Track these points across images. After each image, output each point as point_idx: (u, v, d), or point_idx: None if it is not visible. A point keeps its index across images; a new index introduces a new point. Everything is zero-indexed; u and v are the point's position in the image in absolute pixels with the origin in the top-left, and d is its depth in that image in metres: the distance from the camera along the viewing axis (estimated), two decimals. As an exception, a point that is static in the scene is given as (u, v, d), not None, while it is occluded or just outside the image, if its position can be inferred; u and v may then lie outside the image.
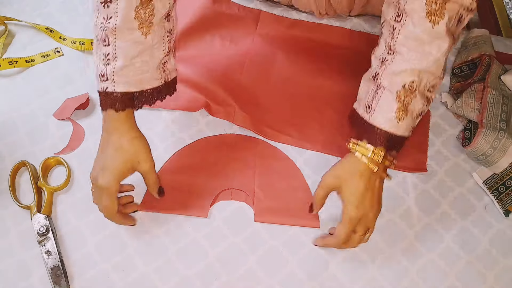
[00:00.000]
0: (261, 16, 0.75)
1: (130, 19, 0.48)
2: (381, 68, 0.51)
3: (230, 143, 0.63)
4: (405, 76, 0.49)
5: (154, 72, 0.52)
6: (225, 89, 0.66)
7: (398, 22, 0.49)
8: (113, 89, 0.49)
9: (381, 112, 0.50)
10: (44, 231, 0.55)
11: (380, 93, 0.50)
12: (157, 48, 0.51)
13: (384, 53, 0.51)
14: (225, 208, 0.59)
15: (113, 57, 0.49)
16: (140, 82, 0.51)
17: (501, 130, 0.59)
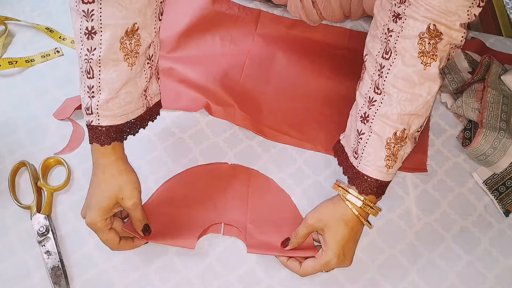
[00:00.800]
0: (261, 16, 0.75)
1: (115, 51, 0.46)
2: (370, 110, 0.48)
3: (222, 174, 0.61)
4: (397, 123, 0.47)
5: (137, 102, 0.51)
6: (225, 89, 0.66)
7: (386, 60, 0.46)
8: (98, 123, 0.49)
9: (370, 160, 0.48)
10: (44, 231, 0.55)
11: (367, 138, 0.49)
12: (139, 77, 0.50)
13: (371, 91, 0.49)
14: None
15: (97, 90, 0.48)
16: (124, 113, 0.50)
17: (501, 130, 0.59)
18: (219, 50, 0.71)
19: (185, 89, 0.66)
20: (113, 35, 0.46)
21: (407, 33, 0.44)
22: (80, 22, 0.46)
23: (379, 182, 0.49)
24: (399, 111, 0.46)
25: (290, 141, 0.64)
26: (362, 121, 0.49)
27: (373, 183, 0.49)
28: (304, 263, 0.52)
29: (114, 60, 0.47)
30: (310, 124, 0.65)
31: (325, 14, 0.70)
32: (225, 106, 0.65)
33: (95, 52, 0.46)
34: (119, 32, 0.46)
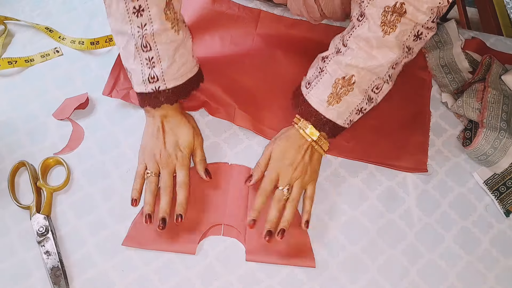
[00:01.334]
0: (261, 16, 0.75)
1: (163, 22, 0.53)
2: (332, 54, 0.56)
3: (222, 174, 0.61)
4: (348, 69, 0.54)
5: (191, 61, 0.60)
6: (225, 89, 0.66)
7: (358, 21, 0.54)
8: (165, 87, 0.57)
9: (317, 92, 0.57)
10: (43, 231, 0.55)
11: (322, 76, 0.57)
12: (186, 39, 0.58)
13: (340, 44, 0.56)
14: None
15: (157, 60, 0.55)
16: (183, 74, 0.58)
17: (502, 130, 0.59)
18: (219, 50, 0.71)
19: None
20: (159, 9, 0.53)
21: (376, 2, 0.51)
22: (125, 3, 0.52)
23: (318, 113, 0.57)
24: (352, 62, 0.53)
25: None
26: (323, 60, 0.58)
27: (314, 112, 0.57)
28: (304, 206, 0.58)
29: (164, 30, 0.54)
30: None
31: (326, 11, 0.70)
32: (225, 106, 0.65)
33: (147, 27, 0.53)
34: (162, 4, 0.53)
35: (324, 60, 0.57)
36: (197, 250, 0.55)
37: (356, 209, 0.59)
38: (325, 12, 0.70)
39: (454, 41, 0.70)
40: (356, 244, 0.57)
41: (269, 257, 0.55)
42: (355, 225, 0.58)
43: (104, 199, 0.59)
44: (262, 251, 0.55)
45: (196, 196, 0.59)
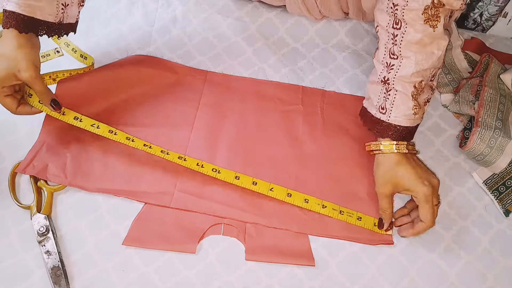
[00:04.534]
0: (207, 78, 0.69)
1: None
2: (389, 74, 0.56)
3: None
4: (415, 78, 0.54)
5: (48, 7, 0.55)
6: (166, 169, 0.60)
7: (397, 29, 0.54)
8: (5, 7, 0.53)
9: (399, 111, 0.55)
10: (44, 231, 0.55)
11: (393, 95, 0.55)
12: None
13: (386, 57, 0.56)
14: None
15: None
16: (31, 7, 0.53)
17: (497, 129, 0.59)
18: (161, 122, 0.65)
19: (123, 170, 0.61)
20: None
21: (412, 6, 0.51)
22: None
23: (409, 128, 0.56)
24: (417, 69, 0.54)
25: (243, 216, 0.57)
26: (384, 83, 0.56)
27: (404, 130, 0.56)
28: (420, 215, 0.54)
29: None
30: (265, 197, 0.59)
31: (322, 9, 0.70)
32: (162, 193, 0.59)
33: None
34: None
35: (386, 83, 0.56)
36: (197, 250, 0.55)
37: (356, 209, 0.59)
38: (322, 10, 0.71)
39: (453, 41, 0.70)
40: (356, 243, 0.57)
41: (268, 257, 0.55)
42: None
43: (104, 199, 0.59)
44: (261, 250, 0.55)
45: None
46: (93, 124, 0.59)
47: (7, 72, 0.53)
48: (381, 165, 0.56)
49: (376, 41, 0.73)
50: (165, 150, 0.59)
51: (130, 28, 0.74)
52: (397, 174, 0.55)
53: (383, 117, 0.56)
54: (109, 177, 0.59)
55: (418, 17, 0.52)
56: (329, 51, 0.73)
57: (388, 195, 0.56)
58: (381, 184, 0.56)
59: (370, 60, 0.72)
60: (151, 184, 0.59)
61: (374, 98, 0.58)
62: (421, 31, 0.52)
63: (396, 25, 0.53)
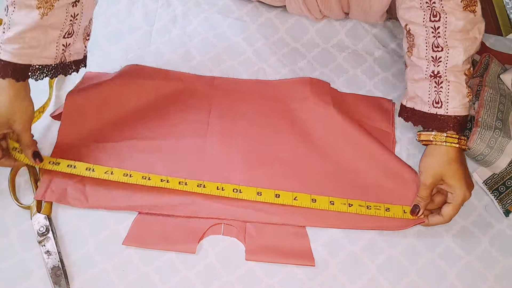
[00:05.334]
0: (215, 84, 0.68)
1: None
2: (439, 67, 0.55)
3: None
4: (465, 66, 0.55)
5: (45, 49, 0.54)
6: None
7: (437, 21, 0.54)
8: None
9: (456, 101, 0.55)
10: (44, 231, 0.55)
11: (447, 87, 0.55)
12: (54, 29, 0.53)
13: (429, 52, 0.56)
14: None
15: (7, 27, 0.52)
16: (27, 55, 0.53)
17: (497, 129, 0.59)
18: (173, 133, 0.64)
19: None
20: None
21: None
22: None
23: (466, 117, 0.56)
24: (466, 56, 0.54)
25: (270, 218, 0.57)
26: (433, 78, 0.56)
27: (462, 119, 0.56)
28: (444, 211, 0.55)
29: (27, 6, 0.51)
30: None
31: (323, 9, 0.70)
32: (185, 204, 0.58)
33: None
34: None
35: (436, 76, 0.56)
36: (197, 250, 0.55)
37: (356, 209, 0.59)
38: (323, 10, 0.71)
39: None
40: (355, 243, 0.57)
41: (268, 257, 0.55)
42: (355, 225, 0.58)
43: (105, 199, 0.59)
44: (262, 250, 0.55)
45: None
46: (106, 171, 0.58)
47: (2, 119, 0.54)
48: (436, 156, 0.56)
49: (376, 41, 0.73)
50: (183, 180, 0.58)
51: (130, 28, 0.74)
52: (450, 170, 0.55)
53: (440, 111, 0.56)
54: (129, 194, 0.58)
55: (457, 5, 0.52)
56: (329, 51, 0.73)
57: (431, 186, 0.56)
58: (430, 175, 0.56)
59: (370, 60, 0.72)
60: (173, 196, 0.58)
61: (423, 95, 0.57)
62: (463, 18, 0.53)
63: (435, 18, 0.54)
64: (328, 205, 0.57)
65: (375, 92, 0.69)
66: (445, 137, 0.55)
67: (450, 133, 0.56)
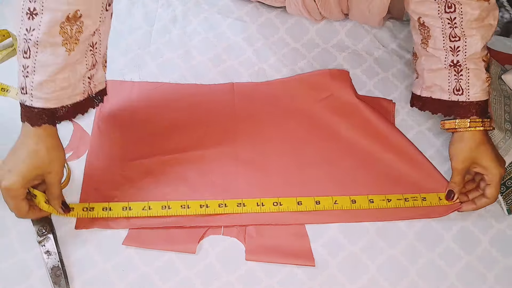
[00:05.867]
0: (235, 89, 0.68)
1: (54, 34, 0.47)
2: (458, 56, 0.56)
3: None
4: (483, 53, 0.55)
5: (75, 88, 0.52)
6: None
7: (453, 12, 0.54)
8: (31, 103, 0.49)
9: (477, 87, 0.56)
10: (44, 231, 0.55)
11: (467, 74, 0.56)
12: (79, 64, 0.51)
13: (447, 42, 0.56)
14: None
15: (32, 71, 0.48)
16: (59, 98, 0.50)
17: (507, 131, 0.59)
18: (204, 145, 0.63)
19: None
20: (53, 18, 0.47)
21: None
22: (23, 2, 0.47)
23: (487, 101, 0.57)
24: (483, 43, 0.55)
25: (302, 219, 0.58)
26: (452, 67, 0.57)
27: (485, 103, 0.56)
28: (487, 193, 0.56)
29: (52, 44, 0.48)
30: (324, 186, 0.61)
31: (322, 11, 0.70)
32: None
33: (33, 33, 0.47)
34: (60, 16, 0.47)
35: (456, 65, 0.56)
36: (197, 250, 0.55)
37: (356, 209, 0.59)
38: (322, 12, 0.71)
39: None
40: (355, 243, 0.57)
41: (268, 257, 0.55)
42: (355, 225, 0.58)
43: (104, 199, 0.59)
44: (262, 250, 0.55)
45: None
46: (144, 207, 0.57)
47: (36, 174, 0.50)
48: (464, 142, 0.57)
49: (376, 41, 0.73)
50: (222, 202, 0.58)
51: (130, 28, 0.74)
52: (480, 152, 0.56)
53: (461, 98, 0.56)
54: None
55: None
56: (329, 51, 0.73)
57: (463, 171, 0.57)
58: (460, 160, 0.57)
59: (370, 60, 0.72)
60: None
61: (443, 84, 0.58)
62: (478, 7, 0.53)
63: (450, 9, 0.54)
64: (368, 204, 0.58)
65: (375, 92, 0.69)
66: (468, 122, 0.56)
67: (473, 118, 0.56)
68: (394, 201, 0.59)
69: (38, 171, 0.50)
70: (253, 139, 0.64)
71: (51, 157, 0.51)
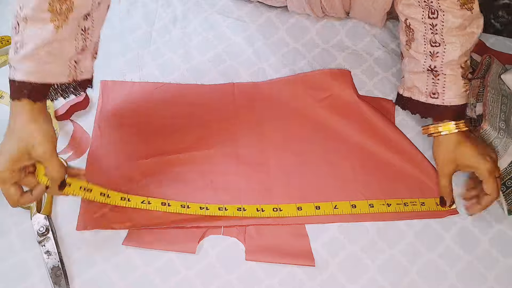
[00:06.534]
0: (236, 90, 0.68)
1: (41, 10, 0.47)
2: (436, 61, 0.57)
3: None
4: (461, 60, 0.56)
5: (60, 67, 0.50)
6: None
7: (435, 19, 0.55)
8: (13, 76, 0.48)
9: (452, 92, 0.56)
10: (44, 231, 0.55)
11: (443, 79, 0.57)
12: (68, 43, 0.50)
13: (427, 47, 0.57)
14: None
15: (21, 45, 0.48)
16: (42, 73, 0.49)
17: (501, 130, 0.59)
18: (205, 144, 0.63)
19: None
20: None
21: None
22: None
23: (464, 105, 0.57)
24: (463, 51, 0.55)
25: (313, 219, 0.58)
26: (430, 71, 0.57)
27: (460, 107, 0.57)
28: (486, 189, 0.55)
29: (40, 20, 0.47)
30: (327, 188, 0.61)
31: (327, 8, 0.70)
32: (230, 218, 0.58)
33: (23, 9, 0.47)
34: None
35: (433, 70, 0.57)
36: (197, 250, 0.55)
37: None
38: (325, 7, 0.70)
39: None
40: (356, 243, 0.57)
41: (269, 257, 0.55)
42: (355, 225, 0.58)
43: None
44: (262, 250, 0.55)
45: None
46: (143, 201, 0.57)
47: (19, 152, 0.48)
48: (442, 145, 0.57)
49: (376, 41, 0.73)
50: (222, 206, 0.57)
51: (130, 28, 0.74)
52: (459, 153, 0.56)
53: (437, 102, 0.57)
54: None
55: (454, 4, 0.53)
56: (329, 51, 0.73)
57: (449, 174, 0.57)
58: (444, 164, 0.57)
59: (370, 60, 0.72)
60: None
61: (421, 86, 0.59)
62: (460, 16, 0.53)
63: (433, 15, 0.55)
64: (368, 208, 0.59)
65: (375, 92, 0.69)
66: (441, 126, 0.57)
67: (445, 121, 0.57)
68: (394, 205, 0.59)
69: (21, 149, 0.48)
70: (253, 138, 0.64)
71: (30, 131, 0.48)
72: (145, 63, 0.71)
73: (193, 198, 0.58)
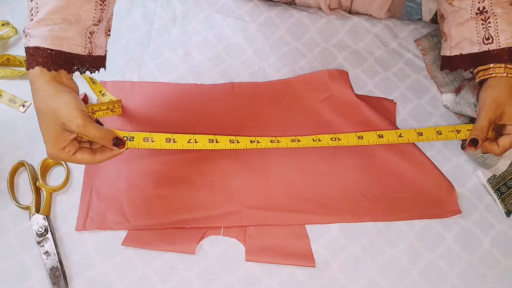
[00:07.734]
0: (235, 91, 0.67)
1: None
2: (484, 2, 0.54)
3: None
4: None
5: (77, 37, 0.47)
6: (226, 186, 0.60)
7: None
8: (27, 44, 0.46)
9: (506, 33, 0.54)
10: (43, 232, 0.55)
11: (494, 21, 0.54)
12: (85, 11, 0.47)
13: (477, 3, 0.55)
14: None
15: (36, 12, 0.45)
16: (57, 40, 0.46)
17: None
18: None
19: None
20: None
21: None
22: None
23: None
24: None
25: (319, 219, 0.58)
26: (479, 15, 0.55)
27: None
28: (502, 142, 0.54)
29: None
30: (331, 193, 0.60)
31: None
32: (230, 213, 0.58)
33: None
34: None
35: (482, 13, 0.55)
36: (197, 250, 0.55)
37: (357, 209, 0.59)
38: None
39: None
40: (356, 244, 0.57)
41: (269, 257, 0.55)
42: (355, 225, 0.58)
43: (104, 199, 0.59)
44: (262, 251, 0.55)
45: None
46: (190, 140, 0.54)
47: (55, 133, 0.46)
48: (496, 87, 0.54)
49: (377, 40, 0.73)
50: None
51: (129, 28, 0.74)
52: (504, 99, 0.53)
53: (492, 46, 0.55)
54: (172, 209, 0.57)
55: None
56: (329, 51, 0.73)
57: (493, 120, 0.54)
58: (491, 107, 0.54)
59: (370, 60, 0.72)
60: (215, 207, 0.58)
61: (471, 36, 0.56)
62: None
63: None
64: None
65: (375, 92, 0.69)
66: (503, 68, 0.54)
67: (508, 65, 0.54)
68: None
69: (55, 128, 0.46)
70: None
71: (53, 109, 0.45)
72: (144, 62, 0.70)
73: (193, 196, 0.58)
